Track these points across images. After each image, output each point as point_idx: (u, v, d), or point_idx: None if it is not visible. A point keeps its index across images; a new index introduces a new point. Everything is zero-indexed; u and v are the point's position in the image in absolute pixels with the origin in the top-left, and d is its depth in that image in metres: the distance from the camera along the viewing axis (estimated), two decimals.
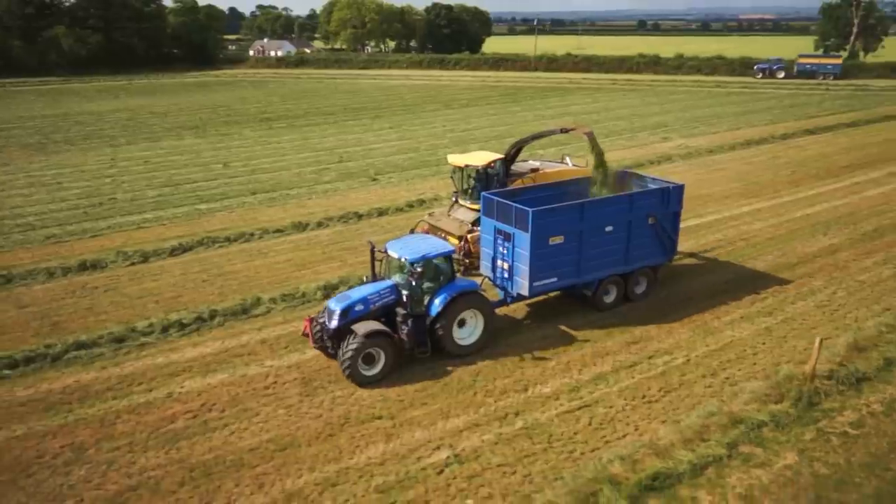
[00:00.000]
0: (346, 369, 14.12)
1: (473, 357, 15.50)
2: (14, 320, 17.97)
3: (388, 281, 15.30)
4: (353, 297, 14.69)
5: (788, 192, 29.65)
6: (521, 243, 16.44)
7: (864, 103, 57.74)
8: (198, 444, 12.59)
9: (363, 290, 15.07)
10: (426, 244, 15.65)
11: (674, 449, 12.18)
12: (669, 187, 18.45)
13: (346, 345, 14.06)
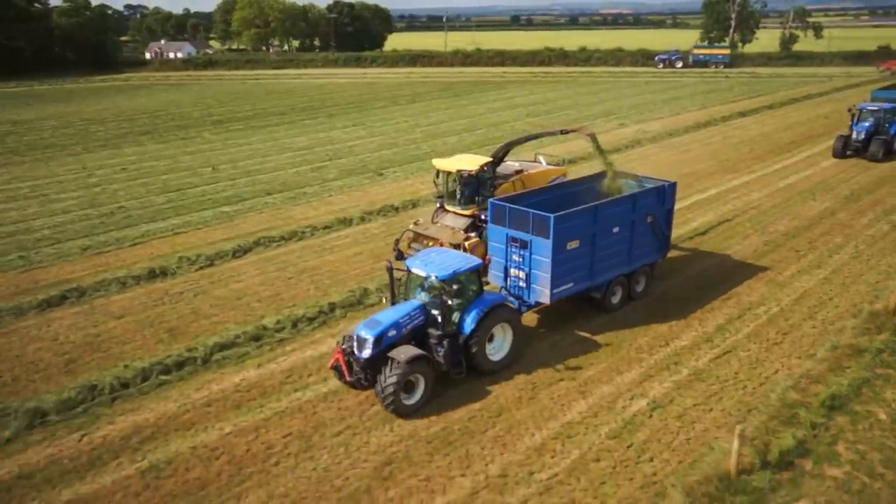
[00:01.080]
0: (388, 401, 12.96)
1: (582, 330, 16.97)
2: (123, 329, 17.46)
3: (415, 301, 14.26)
4: (384, 322, 13.49)
5: (759, 167, 33.22)
6: (539, 250, 15.90)
7: (766, 88, 64.22)
8: (418, 419, 13.27)
9: (391, 313, 13.91)
10: (451, 259, 14.66)
11: (827, 376, 14.31)
12: (665, 185, 18.76)
13: (387, 374, 12.93)
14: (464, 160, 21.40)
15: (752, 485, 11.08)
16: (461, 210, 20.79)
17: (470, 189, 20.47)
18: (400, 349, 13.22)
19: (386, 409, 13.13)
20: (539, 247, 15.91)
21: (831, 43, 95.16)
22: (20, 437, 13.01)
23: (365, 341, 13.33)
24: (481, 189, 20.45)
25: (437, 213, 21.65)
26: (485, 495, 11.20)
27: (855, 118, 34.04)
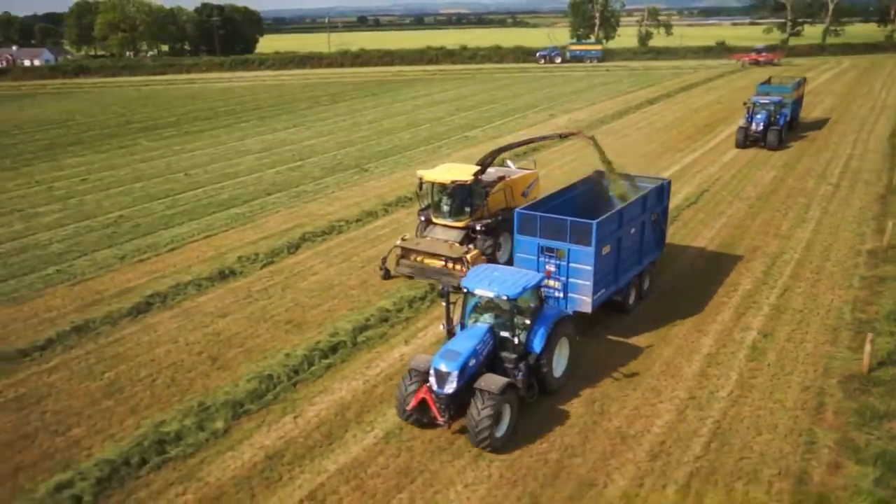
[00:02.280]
0: (483, 436, 11.95)
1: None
2: (239, 326, 17.60)
3: (482, 325, 13.29)
4: (463, 353, 12.45)
5: (696, 146, 37.75)
6: (579, 258, 15.55)
7: (650, 79, 71.01)
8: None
9: (465, 341, 12.83)
10: (514, 275, 13.73)
11: (873, 298, 17.85)
12: (664, 183, 19.29)
13: (479, 408, 11.91)
14: (453, 170, 20.79)
15: (882, 378, 14.10)
16: (453, 222, 20.03)
17: (462, 200, 19.88)
18: (486, 379, 12.25)
19: (478, 445, 12.07)
20: (578, 255, 15.55)
21: (682, 39, 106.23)
22: (233, 427, 13.28)
23: (447, 375, 12.24)
24: (474, 199, 19.95)
25: (422, 226, 20.72)
26: (690, 412, 13.32)
27: (750, 111, 36.74)
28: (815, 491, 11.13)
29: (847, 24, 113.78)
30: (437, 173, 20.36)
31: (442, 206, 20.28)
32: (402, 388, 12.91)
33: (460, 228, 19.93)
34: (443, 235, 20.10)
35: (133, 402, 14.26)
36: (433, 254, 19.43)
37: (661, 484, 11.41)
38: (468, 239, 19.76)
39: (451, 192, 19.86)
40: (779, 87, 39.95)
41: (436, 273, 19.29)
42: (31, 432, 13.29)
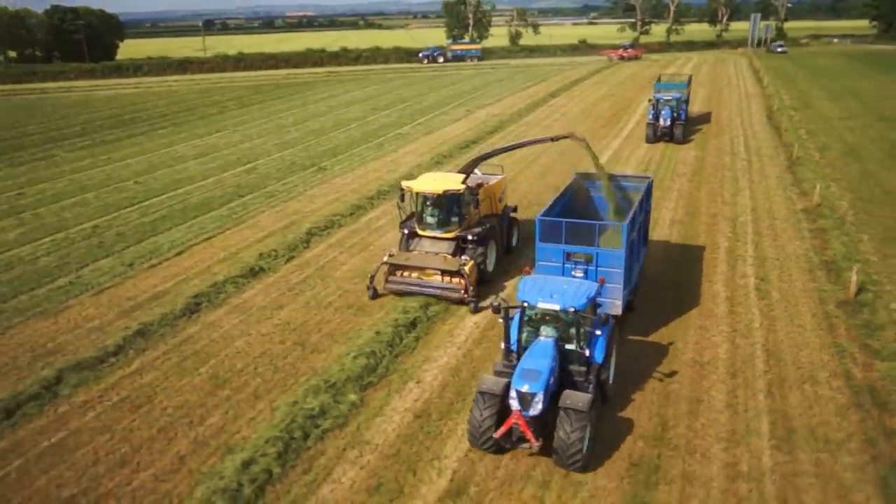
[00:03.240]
0: (576, 458, 11.51)
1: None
2: (304, 314, 18.33)
3: (548, 339, 12.75)
4: (543, 371, 11.97)
5: (615, 132, 41.75)
6: (608, 261, 15.46)
7: (538, 76, 75.64)
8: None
9: (539, 359, 12.28)
10: (572, 286, 13.25)
11: (836, 235, 21.80)
12: (650, 181, 19.83)
13: (570, 428, 11.44)
14: (439, 179, 20.11)
15: (866, 300, 17.68)
16: (442, 234, 19.30)
17: (451, 209, 19.29)
18: (570, 397, 11.84)
19: (569, 467, 11.64)
20: (607, 258, 15.50)
21: (552, 38, 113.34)
22: (366, 398, 14.31)
23: (532, 397, 11.70)
24: (462, 208, 19.34)
25: (407, 240, 19.78)
26: (739, 341, 16.10)
27: (655, 107, 38.64)
28: (862, 384, 14.20)
29: (686, 23, 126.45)
30: (425, 183, 19.52)
31: (429, 217, 19.46)
32: (476, 415, 12.01)
33: (450, 239, 19.21)
34: (432, 248, 19.28)
35: (249, 389, 14.76)
36: (428, 268, 18.52)
37: (751, 393, 14.00)
38: (459, 250, 19.05)
39: (439, 202, 19.14)
40: (676, 84, 43.23)
41: (431, 288, 18.44)
42: (166, 426, 13.53)
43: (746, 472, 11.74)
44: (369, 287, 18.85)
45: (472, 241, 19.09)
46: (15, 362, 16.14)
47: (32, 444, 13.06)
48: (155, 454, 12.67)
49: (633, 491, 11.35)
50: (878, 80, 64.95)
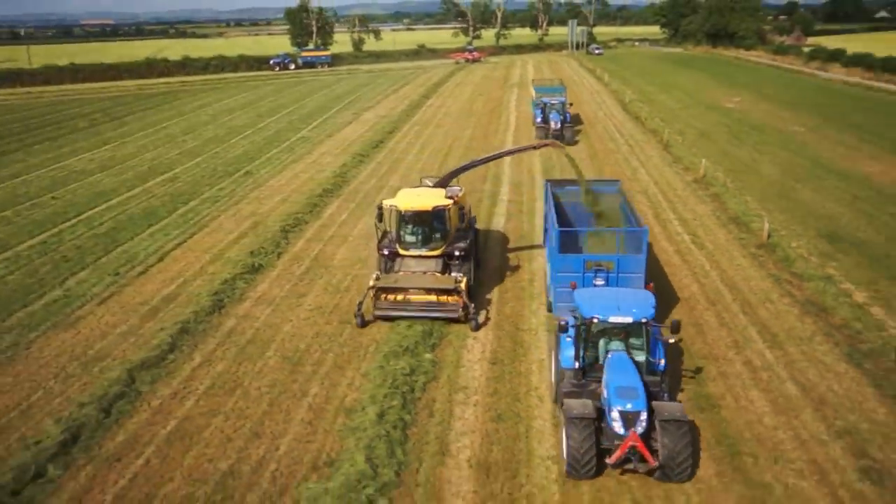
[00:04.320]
0: (685, 467, 11.25)
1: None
2: (332, 298, 19.53)
3: (621, 353, 12.60)
4: (639, 387, 11.67)
5: (502, 126, 45.63)
6: (629, 267, 15.62)
7: (399, 79, 78.41)
8: None
9: (628, 375, 11.94)
10: (626, 296, 13.38)
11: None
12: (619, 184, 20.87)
13: (676, 441, 11.12)
14: (422, 195, 19.16)
15: (775, 242, 22.47)
16: (428, 252, 18.26)
17: (435, 226, 18.41)
18: (665, 409, 11.61)
19: (676, 479, 11.36)
20: (629, 263, 15.73)
21: (395, 44, 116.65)
22: (463, 348, 16.17)
23: (637, 415, 11.34)
24: (446, 224, 18.40)
25: (389, 261, 18.54)
26: (710, 283, 20.01)
27: (543, 110, 39.92)
28: (803, 299, 18.57)
29: (511, 28, 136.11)
30: (409, 201, 18.55)
31: (411, 235, 18.53)
32: (575, 444, 11.29)
33: (437, 257, 18.26)
34: (419, 267, 18.19)
35: (328, 363, 15.93)
36: (422, 288, 17.42)
37: (732, 314, 17.78)
38: (446, 267, 18.25)
39: (423, 219, 18.27)
40: (555, 88, 45.11)
41: (425, 309, 17.38)
42: (273, 401, 14.39)
43: (760, 365, 15.37)
44: (357, 315, 17.38)
45: (459, 257, 18.23)
46: (65, 370, 15.86)
47: (151, 434, 13.43)
48: (281, 424, 13.66)
49: (693, 388, 14.49)
50: (689, 76, 75.74)
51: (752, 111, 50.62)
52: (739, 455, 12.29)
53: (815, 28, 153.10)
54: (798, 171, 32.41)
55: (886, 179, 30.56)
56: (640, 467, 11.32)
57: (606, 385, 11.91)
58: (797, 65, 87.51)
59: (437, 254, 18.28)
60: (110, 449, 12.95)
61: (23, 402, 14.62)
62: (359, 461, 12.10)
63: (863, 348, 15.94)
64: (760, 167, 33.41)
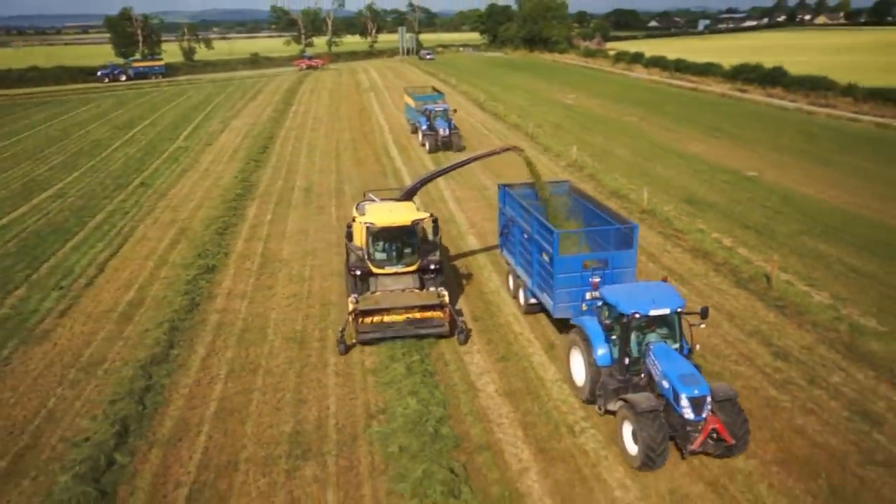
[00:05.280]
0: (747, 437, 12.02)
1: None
2: (314, 285, 20.65)
3: (661, 343, 13.05)
4: (696, 373, 12.25)
5: (376, 130, 47.65)
6: (622, 262, 15.89)
7: (249, 87, 76.93)
8: None
9: (682, 363, 12.49)
10: (650, 289, 13.72)
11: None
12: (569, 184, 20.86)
13: (736, 420, 11.87)
14: (394, 209, 18.35)
15: (651, 207, 27.04)
16: (403, 268, 17.63)
17: (410, 241, 17.84)
18: (720, 390, 12.17)
19: (739, 452, 12.14)
20: (621, 259, 15.92)
21: (232, 52, 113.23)
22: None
23: (703, 399, 11.86)
24: (417, 238, 17.91)
25: (359, 282, 17.47)
26: None
27: (429, 118, 39.29)
28: (688, 245, 23.01)
29: (342, 36, 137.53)
30: (384, 216, 17.64)
31: (384, 252, 17.76)
32: (647, 435, 11.57)
33: (413, 272, 17.70)
34: (396, 285, 17.45)
35: (333, 337, 17.35)
36: (406, 307, 16.56)
37: (680, 255, 21.67)
38: (422, 282, 17.73)
39: (397, 234, 17.59)
40: (434, 95, 44.83)
41: (410, 328, 16.61)
42: (304, 371, 15.66)
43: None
44: (340, 343, 16.32)
45: (434, 270, 17.77)
46: (66, 377, 15.75)
47: (198, 416, 14.11)
48: (317, 389, 14.97)
49: None
50: (522, 77, 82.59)
51: (589, 106, 57.24)
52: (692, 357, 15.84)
53: (610, 34, 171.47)
54: (645, 153, 38.13)
55: (712, 156, 37.03)
56: (716, 448, 11.90)
57: (664, 375, 12.22)
58: (606, 66, 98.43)
59: (414, 269, 17.65)
60: (165, 433, 13.55)
61: (41, 409, 14.51)
62: (411, 404, 13.93)
63: (743, 277, 20.46)
64: (615, 151, 38.76)
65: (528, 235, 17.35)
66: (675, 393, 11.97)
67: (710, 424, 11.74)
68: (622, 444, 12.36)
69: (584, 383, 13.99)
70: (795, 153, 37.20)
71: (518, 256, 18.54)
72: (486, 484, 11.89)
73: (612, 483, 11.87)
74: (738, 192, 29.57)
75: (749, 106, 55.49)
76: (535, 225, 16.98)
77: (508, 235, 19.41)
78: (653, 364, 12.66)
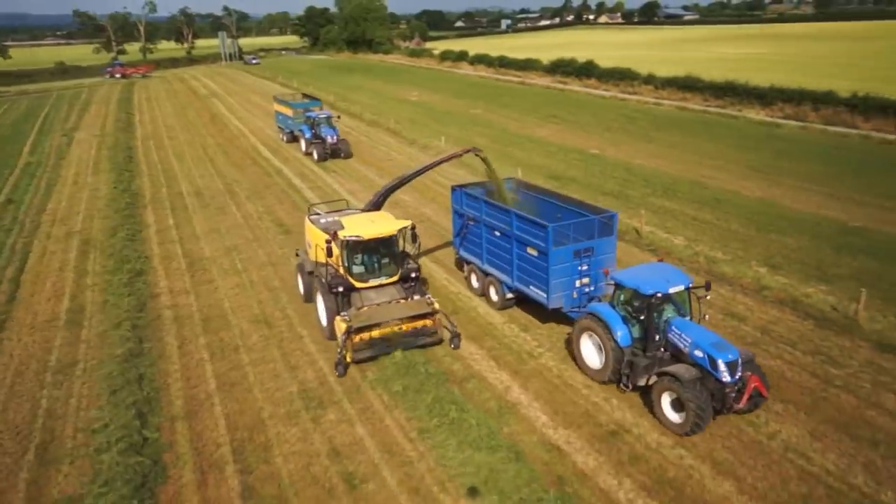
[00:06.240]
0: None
1: None
2: (250, 262, 21.66)
3: (678, 318, 13.96)
4: (725, 341, 13.29)
5: (232, 134, 47.55)
6: (605, 249, 16.58)
7: (71, 100, 71.06)
8: None
9: (706, 333, 13.41)
10: (658, 270, 14.62)
11: None
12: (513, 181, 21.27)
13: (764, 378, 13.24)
14: (375, 220, 17.63)
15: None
16: (387, 279, 17.27)
17: (391, 251, 17.47)
18: (744, 354, 13.25)
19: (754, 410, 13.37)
20: (604, 246, 16.66)
21: (35, 62, 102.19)
22: None
23: (736, 362, 12.84)
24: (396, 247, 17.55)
25: (348, 297, 16.78)
26: None
27: (313, 127, 38.09)
28: None
29: (157, 42, 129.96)
30: (367, 228, 16.92)
31: (364, 265, 17.25)
32: (695, 402, 12.51)
33: (395, 282, 17.37)
34: (381, 297, 16.84)
35: (304, 310, 18.84)
36: (403, 319, 16.14)
37: None
38: (407, 290, 17.35)
39: (377, 246, 17.14)
40: (311, 102, 43.22)
41: (405, 340, 16.23)
42: (291, 335, 17.12)
43: None
44: (339, 365, 15.54)
45: (415, 278, 17.58)
46: (44, 381, 15.87)
47: (203, 392, 15.20)
48: (305, 355, 16.61)
49: None
50: (360, 79, 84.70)
51: (433, 102, 61.05)
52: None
53: (428, 35, 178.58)
54: (502, 140, 42.41)
55: (558, 139, 42.23)
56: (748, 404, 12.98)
57: (696, 345, 13.11)
58: (434, 64, 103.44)
59: (396, 279, 17.36)
60: (180, 409, 14.57)
61: (36, 409, 14.78)
62: (396, 356, 15.94)
63: (619, 230, 24.75)
64: (474, 139, 42.30)
65: (503, 233, 17.70)
66: (711, 360, 12.85)
67: (753, 383, 12.84)
68: (662, 414, 13.25)
69: (602, 365, 14.65)
70: (622, 133, 43.59)
71: (489, 255, 18.71)
72: (483, 401, 14.54)
73: (578, 386, 15.04)
74: (589, 167, 34.58)
75: (572, 95, 62.64)
76: (514, 221, 17.18)
77: (468, 236, 19.56)
78: (678, 337, 13.52)
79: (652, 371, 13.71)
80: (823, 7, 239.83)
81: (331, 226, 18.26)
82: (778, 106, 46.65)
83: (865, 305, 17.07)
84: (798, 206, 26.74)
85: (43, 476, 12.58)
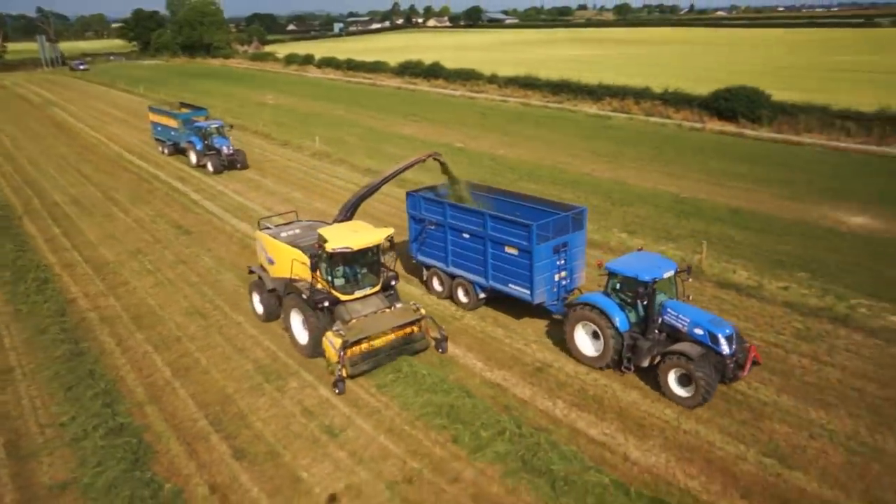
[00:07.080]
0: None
1: None
2: (193, 255, 21.67)
3: (671, 300, 14.83)
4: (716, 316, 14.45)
5: (92, 146, 44.86)
6: (578, 243, 17.17)
7: None
8: None
9: (700, 313, 14.46)
10: (643, 258, 15.55)
11: None
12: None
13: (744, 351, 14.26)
14: (357, 230, 16.63)
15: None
16: (371, 289, 16.68)
17: (375, 260, 16.83)
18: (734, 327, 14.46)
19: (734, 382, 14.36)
20: (577, 240, 17.23)
21: None
22: None
23: (733, 335, 13.94)
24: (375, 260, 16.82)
25: (335, 311, 16.18)
26: None
27: (203, 138, 35.57)
28: None
29: None
30: (354, 239, 15.88)
31: (345, 277, 16.42)
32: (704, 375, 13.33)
33: (378, 291, 16.84)
34: (366, 308, 16.32)
35: (235, 299, 19.46)
36: (397, 328, 15.85)
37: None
38: (389, 299, 16.93)
39: (359, 257, 16.33)
40: (198, 112, 40.26)
41: (396, 349, 15.95)
42: (228, 322, 17.79)
43: None
44: (339, 383, 14.87)
45: (394, 286, 17.35)
46: None
47: (162, 380, 15.68)
48: (250, 338, 17.47)
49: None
50: (211, 85, 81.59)
51: (292, 104, 61.05)
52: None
53: (267, 38, 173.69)
54: (371, 138, 44.04)
55: (423, 135, 44.59)
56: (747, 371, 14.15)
57: (696, 324, 14.03)
58: (279, 68, 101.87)
59: (378, 288, 16.87)
60: (144, 396, 15.00)
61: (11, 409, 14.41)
62: None
63: None
64: (345, 138, 43.81)
65: (474, 234, 17.68)
66: (711, 335, 13.77)
67: (752, 352, 14.05)
68: (668, 390, 14.06)
69: (601, 352, 15.23)
70: (479, 128, 47.01)
71: (455, 258, 18.60)
72: (426, 356, 16.35)
73: (501, 338, 17.34)
74: (459, 160, 36.82)
75: (424, 95, 65.61)
76: (489, 223, 17.23)
77: (427, 240, 19.37)
78: (675, 318, 14.36)
79: (653, 352, 14.47)
80: (622, 15, 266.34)
81: (297, 239, 17.67)
82: (606, 101, 52.79)
83: (705, 256, 21.22)
84: (641, 182, 31.39)
85: (25, 469, 12.67)
